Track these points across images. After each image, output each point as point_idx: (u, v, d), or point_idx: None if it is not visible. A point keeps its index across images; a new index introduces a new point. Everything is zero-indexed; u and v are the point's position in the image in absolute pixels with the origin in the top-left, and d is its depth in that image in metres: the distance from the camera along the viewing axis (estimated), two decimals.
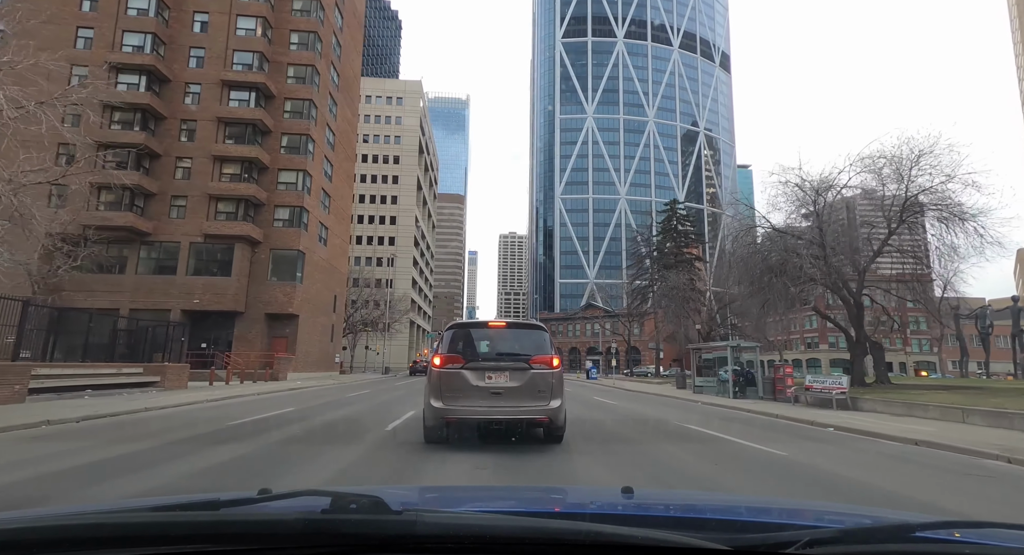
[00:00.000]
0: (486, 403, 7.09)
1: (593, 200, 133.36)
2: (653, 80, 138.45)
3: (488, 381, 7.14)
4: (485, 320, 9.44)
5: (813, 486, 5.99)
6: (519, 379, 7.17)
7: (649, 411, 16.17)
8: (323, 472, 5.91)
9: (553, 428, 7.56)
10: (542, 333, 7.93)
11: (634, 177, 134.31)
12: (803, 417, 13.53)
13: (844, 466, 7.30)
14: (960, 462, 7.80)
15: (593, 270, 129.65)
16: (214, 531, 1.05)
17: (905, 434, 9.93)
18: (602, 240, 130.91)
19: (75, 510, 1.51)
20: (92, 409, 11.45)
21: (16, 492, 5.05)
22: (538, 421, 7.39)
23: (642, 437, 10.22)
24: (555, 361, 7.45)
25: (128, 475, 5.76)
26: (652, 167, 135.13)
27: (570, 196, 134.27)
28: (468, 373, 7.14)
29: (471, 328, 8.20)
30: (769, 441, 9.32)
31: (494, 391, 7.11)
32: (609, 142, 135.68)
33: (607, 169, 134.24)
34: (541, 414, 7.19)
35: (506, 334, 8.09)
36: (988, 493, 6.02)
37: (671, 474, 6.36)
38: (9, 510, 1.64)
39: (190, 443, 8.03)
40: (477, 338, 7.74)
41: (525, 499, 2.22)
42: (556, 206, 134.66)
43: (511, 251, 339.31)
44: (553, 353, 7.54)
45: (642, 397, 22.77)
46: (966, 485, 6.38)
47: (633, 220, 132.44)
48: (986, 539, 1.20)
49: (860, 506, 4.43)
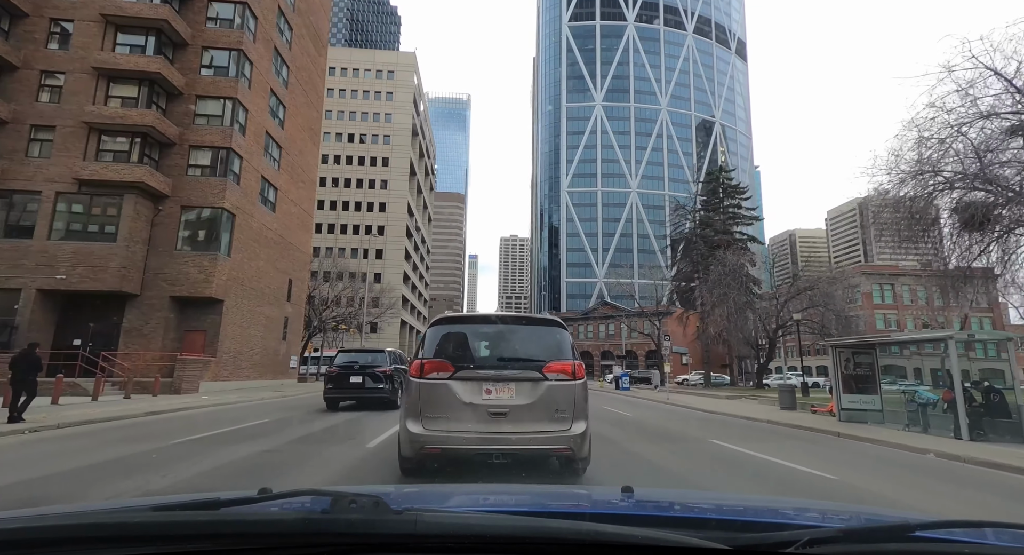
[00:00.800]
0: (483, 427, 4.98)
1: (602, 194, 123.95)
2: (666, 66, 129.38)
3: (487, 397, 5.06)
4: (484, 313, 7.03)
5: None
6: (529, 394, 5.10)
7: (877, 489, 6.68)
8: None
9: (576, 460, 5.34)
10: (561, 331, 5.62)
11: (646, 169, 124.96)
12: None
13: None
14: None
15: (602, 269, 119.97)
16: (214, 531, 1.04)
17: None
18: (612, 236, 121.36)
19: (75, 510, 1.41)
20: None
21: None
22: (556, 452, 5.26)
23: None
24: (579, 369, 5.35)
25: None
26: (665, 159, 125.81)
27: (577, 189, 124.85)
28: (458, 385, 5.07)
29: (465, 324, 5.85)
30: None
31: (494, 411, 5.03)
32: (619, 132, 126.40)
33: (617, 161, 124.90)
34: (561, 443, 5.10)
35: (512, 332, 5.66)
36: None
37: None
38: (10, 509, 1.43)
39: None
40: (472, 337, 5.54)
41: (526, 499, 2.07)
42: (562, 200, 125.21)
43: (513, 254, 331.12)
44: (575, 358, 5.42)
45: (764, 432, 13.03)
46: None
47: (645, 215, 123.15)
48: (985, 539, 1.21)
49: (860, 506, 4.25)
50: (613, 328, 74.40)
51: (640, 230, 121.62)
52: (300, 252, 32.86)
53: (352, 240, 72.53)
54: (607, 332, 75.26)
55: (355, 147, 75.40)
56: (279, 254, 29.57)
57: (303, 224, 33.28)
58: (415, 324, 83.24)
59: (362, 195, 74.24)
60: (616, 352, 72.56)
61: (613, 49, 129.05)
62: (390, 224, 74.03)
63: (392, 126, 76.15)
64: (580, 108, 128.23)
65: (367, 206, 74.09)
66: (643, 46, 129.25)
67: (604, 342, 75.64)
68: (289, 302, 31.32)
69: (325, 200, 73.90)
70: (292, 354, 32.08)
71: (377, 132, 76.16)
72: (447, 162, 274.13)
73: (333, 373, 14.58)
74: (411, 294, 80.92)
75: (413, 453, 5.16)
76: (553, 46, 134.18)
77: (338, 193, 74.13)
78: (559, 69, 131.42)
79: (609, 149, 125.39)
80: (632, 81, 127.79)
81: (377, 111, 76.61)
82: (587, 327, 78.34)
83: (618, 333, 73.61)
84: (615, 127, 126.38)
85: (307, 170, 33.50)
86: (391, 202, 74.70)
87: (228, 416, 13.07)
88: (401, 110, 76.85)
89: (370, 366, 14.51)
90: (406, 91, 77.85)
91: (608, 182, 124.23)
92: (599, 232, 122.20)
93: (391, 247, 73.23)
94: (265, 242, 27.69)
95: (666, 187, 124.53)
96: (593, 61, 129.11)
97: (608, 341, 75.05)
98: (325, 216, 73.12)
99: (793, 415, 16.33)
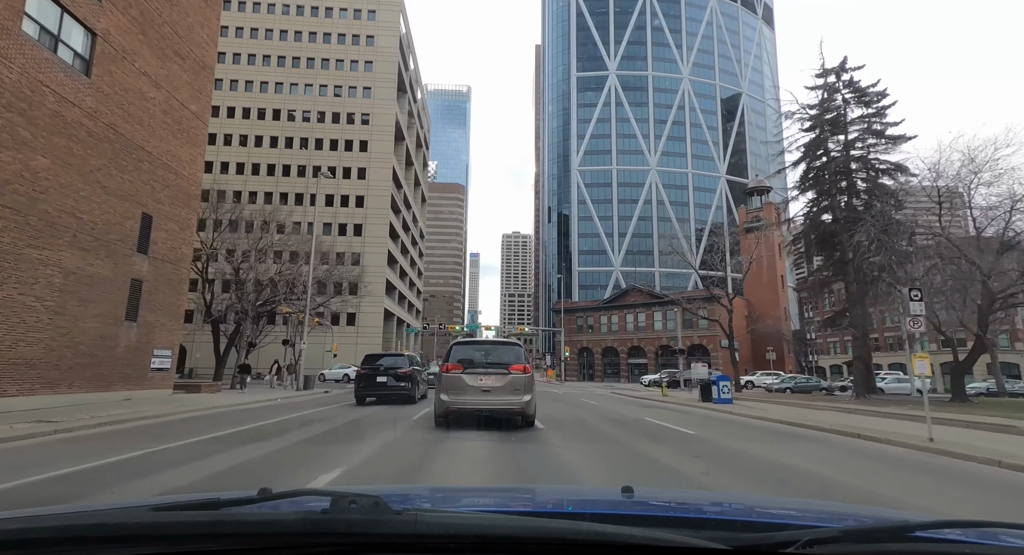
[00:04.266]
0: (478, 397, 9.83)
1: (617, 173, 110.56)
2: (688, 31, 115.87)
3: (480, 382, 9.89)
4: (480, 339, 12.96)
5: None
6: (502, 380, 9.90)
7: None
8: None
9: (525, 416, 10.15)
10: (519, 348, 10.79)
11: (667, 145, 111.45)
12: None
13: None
14: None
15: (619, 256, 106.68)
16: (214, 531, 1.04)
17: None
18: (629, 220, 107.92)
19: (75, 510, 1.44)
20: None
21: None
22: (515, 411, 9.92)
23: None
24: (527, 368, 10.17)
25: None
26: (688, 134, 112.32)
27: (590, 168, 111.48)
28: (466, 376, 9.92)
29: (469, 345, 10.92)
30: None
31: (484, 389, 9.85)
32: (636, 103, 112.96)
33: (634, 135, 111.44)
34: (516, 405, 9.85)
35: (494, 348, 10.75)
36: None
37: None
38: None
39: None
40: (473, 351, 10.52)
41: (526, 499, 2.16)
42: (573, 181, 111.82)
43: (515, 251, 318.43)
44: (525, 363, 10.25)
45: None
46: None
47: (667, 196, 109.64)
48: (986, 539, 1.20)
49: (860, 506, 4.35)
50: (644, 318, 60.92)
51: (661, 212, 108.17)
52: (173, 173, 19.40)
53: (325, 213, 59.40)
54: (636, 323, 61.71)
55: (327, 101, 62.11)
56: (113, 164, 16.18)
57: (183, 129, 19.80)
58: (405, 317, 69.82)
59: (336, 158, 60.99)
60: (653, 346, 59.08)
61: (628, 11, 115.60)
62: (372, 193, 60.73)
63: (374, 76, 62.82)
64: (592, 78, 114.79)
65: (343, 172, 60.83)
66: (661, 8, 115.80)
67: (633, 335, 61.97)
68: (145, 255, 17.90)
69: (292, 165, 60.74)
70: (158, 347, 18.65)
71: (356, 83, 62.85)
72: (447, 159, 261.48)
73: (362, 373, 17.30)
74: (399, 281, 67.56)
75: (443, 411, 10.03)
76: (561, 10, 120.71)
77: (307, 156, 60.88)
78: (568, 36, 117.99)
79: (625, 123, 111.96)
80: (650, 47, 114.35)
81: (355, 58, 63.29)
82: (610, 318, 64.70)
83: (650, 324, 60.15)
84: (631, 98, 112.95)
85: (189, 39, 20.04)
86: (373, 167, 61.40)
87: None
88: (385, 58, 63.50)
89: (393, 368, 17.14)
90: (390, 36, 64.52)
91: (624, 160, 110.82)
92: (614, 216, 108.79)
93: (373, 222, 59.96)
94: (67, 131, 14.33)
95: (689, 165, 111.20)
96: (606, 25, 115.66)
97: (638, 334, 61.44)
98: (292, 184, 59.89)
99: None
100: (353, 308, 57.27)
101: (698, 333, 55.82)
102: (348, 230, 59.51)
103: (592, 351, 65.39)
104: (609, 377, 63.50)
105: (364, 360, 18.20)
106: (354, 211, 60.10)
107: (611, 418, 14.17)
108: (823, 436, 11.22)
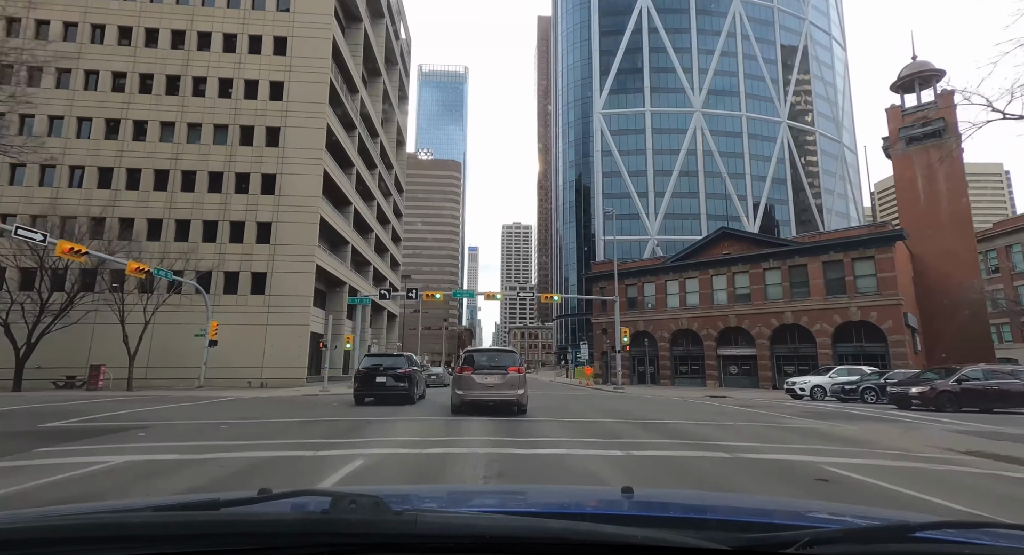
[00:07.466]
0: (484, 391, 12.96)
1: (652, 116, 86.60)
2: None
3: (485, 380, 13.02)
4: (485, 348, 15.13)
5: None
6: (502, 378, 13.03)
7: None
8: None
9: (520, 405, 13.16)
10: (515, 354, 14.05)
11: (713, 82, 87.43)
12: None
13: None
14: None
15: (655, 222, 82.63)
16: (214, 531, 1.04)
17: None
18: (667, 176, 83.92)
19: (75, 510, 1.43)
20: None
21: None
22: (512, 401, 13.04)
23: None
24: (521, 370, 13.36)
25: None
26: (740, 68, 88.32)
27: (617, 111, 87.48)
28: (475, 375, 13.09)
29: (477, 352, 13.95)
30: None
31: (488, 385, 12.98)
32: (674, 30, 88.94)
33: (673, 69, 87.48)
34: (513, 397, 13.00)
35: (496, 354, 13.93)
36: None
37: None
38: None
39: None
40: (480, 357, 13.62)
41: (525, 499, 2.14)
42: (596, 127, 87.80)
43: (516, 242, 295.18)
44: (520, 365, 13.52)
45: None
46: None
47: (716, 145, 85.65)
48: (986, 539, 1.20)
49: (861, 506, 4.29)
50: (746, 281, 36.64)
51: (708, 165, 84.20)
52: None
53: (217, 109, 35.24)
54: (732, 289, 37.38)
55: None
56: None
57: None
58: (365, 290, 45.21)
59: (238, 20, 36.82)
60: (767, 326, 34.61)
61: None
62: (295, 79, 36.52)
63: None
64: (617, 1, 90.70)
65: (247, 43, 36.67)
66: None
67: (728, 310, 37.39)
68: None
69: (160, 30, 36.60)
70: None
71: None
72: (443, 148, 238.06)
73: (361, 373, 17.38)
74: (351, 231, 43.23)
75: (458, 402, 13.12)
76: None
77: (189, 15, 36.69)
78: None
79: (661, 53, 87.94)
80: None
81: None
82: (683, 284, 40.33)
83: (759, 292, 35.91)
84: (668, 23, 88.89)
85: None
86: (297, 35, 37.22)
87: None
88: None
89: (391, 368, 17.37)
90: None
91: (660, 100, 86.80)
92: (649, 170, 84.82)
93: (296, 123, 35.79)
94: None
95: (743, 106, 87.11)
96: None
97: (738, 307, 36.96)
98: (162, 60, 35.75)
99: None
100: (262, 263, 33.19)
101: (856, 302, 31.65)
102: (256, 137, 35.40)
103: (652, 337, 41.20)
104: (683, 378, 39.36)
105: (364, 360, 18.82)
106: (267, 105, 35.96)
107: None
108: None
